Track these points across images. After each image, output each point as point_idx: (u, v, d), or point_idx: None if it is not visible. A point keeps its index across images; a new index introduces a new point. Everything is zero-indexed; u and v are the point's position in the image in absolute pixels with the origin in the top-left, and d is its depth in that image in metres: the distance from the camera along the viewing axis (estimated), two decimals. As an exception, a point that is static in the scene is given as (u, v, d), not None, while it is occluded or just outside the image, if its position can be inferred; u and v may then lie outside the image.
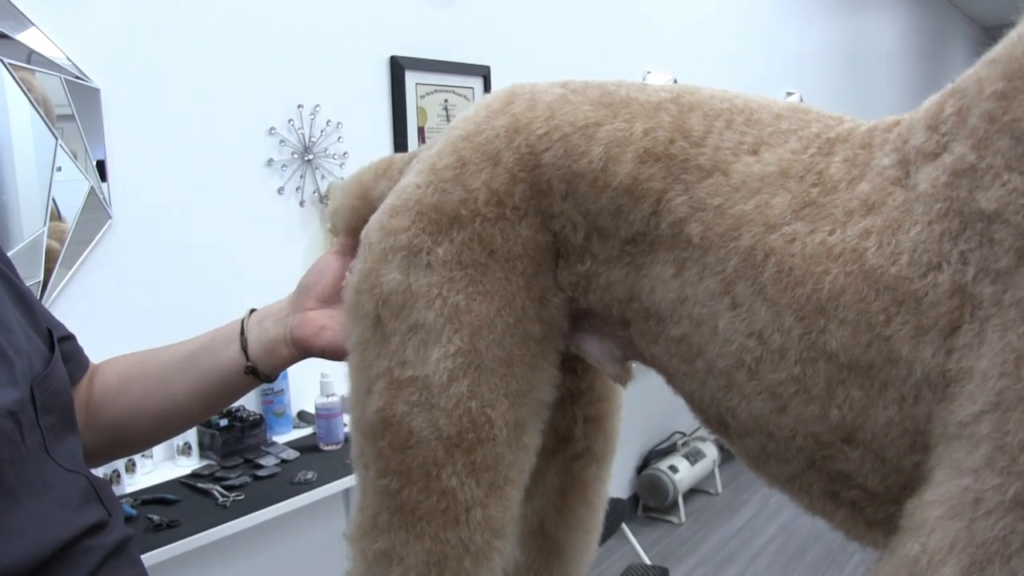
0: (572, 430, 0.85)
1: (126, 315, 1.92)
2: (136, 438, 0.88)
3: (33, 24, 1.73)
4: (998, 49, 0.56)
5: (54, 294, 1.78)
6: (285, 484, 1.91)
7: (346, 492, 2.06)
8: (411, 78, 2.55)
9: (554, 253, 0.71)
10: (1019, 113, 0.52)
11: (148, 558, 1.57)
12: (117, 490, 1.82)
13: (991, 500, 0.50)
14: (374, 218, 0.74)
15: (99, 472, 1.62)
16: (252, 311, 0.88)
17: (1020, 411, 0.49)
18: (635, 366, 0.80)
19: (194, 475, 1.96)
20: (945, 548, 0.51)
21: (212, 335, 0.87)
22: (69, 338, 0.84)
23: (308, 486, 1.90)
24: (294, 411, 2.29)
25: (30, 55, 1.72)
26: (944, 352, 0.54)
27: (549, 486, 0.87)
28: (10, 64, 1.67)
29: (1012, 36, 0.56)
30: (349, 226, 0.83)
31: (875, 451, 0.58)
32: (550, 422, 0.77)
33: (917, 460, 0.57)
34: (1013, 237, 0.51)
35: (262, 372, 0.85)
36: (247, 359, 0.84)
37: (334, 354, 0.82)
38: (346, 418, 2.16)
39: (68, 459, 0.72)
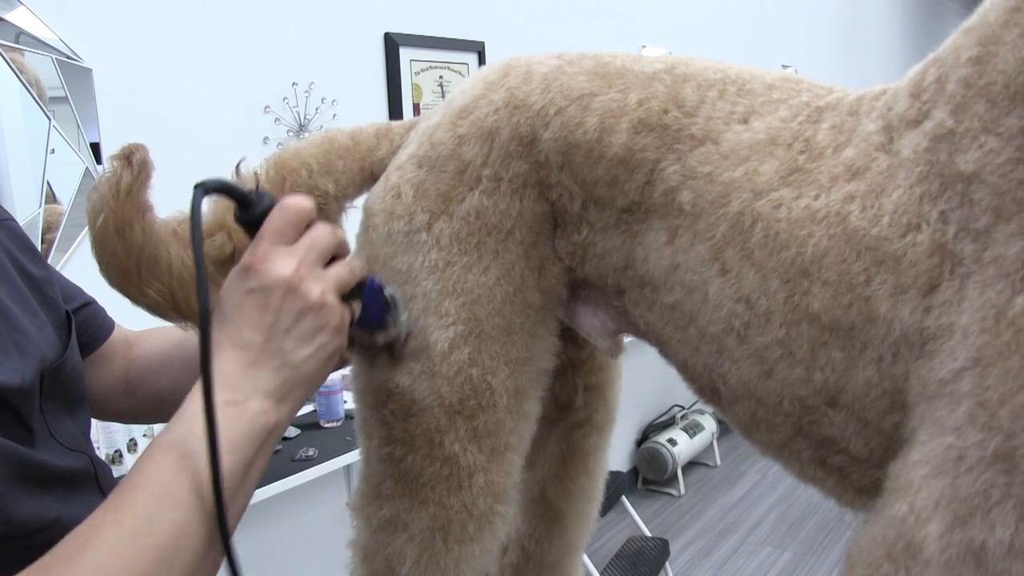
0: (573, 399, 0.87)
1: (123, 299, 1.92)
2: (132, 407, 0.89)
3: (22, 3, 1.71)
4: (973, 18, 0.58)
5: (52, 276, 1.78)
6: (287, 461, 1.93)
7: (347, 468, 2.08)
8: (406, 54, 2.54)
9: (552, 223, 0.72)
10: (993, 77, 0.54)
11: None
12: (120, 470, 1.83)
13: (973, 456, 0.51)
14: (375, 193, 0.75)
15: (102, 452, 1.60)
16: None
17: (999, 366, 0.51)
18: (631, 341, 0.81)
19: (196, 454, 1.96)
20: (930, 506, 0.52)
21: None
22: (89, 304, 0.85)
23: (309, 463, 1.92)
24: (294, 389, 2.30)
25: (19, 35, 1.71)
26: (922, 310, 0.55)
27: (550, 455, 0.89)
28: (-1, 44, 1.66)
29: (986, 4, 0.57)
30: (350, 191, 0.81)
31: (857, 413, 0.60)
32: (551, 391, 0.79)
33: (896, 420, 0.58)
34: (990, 196, 0.53)
35: None
36: None
37: None
38: (346, 395, 2.17)
39: (70, 439, 0.72)
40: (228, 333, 0.58)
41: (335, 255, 0.63)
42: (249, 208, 0.62)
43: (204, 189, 0.59)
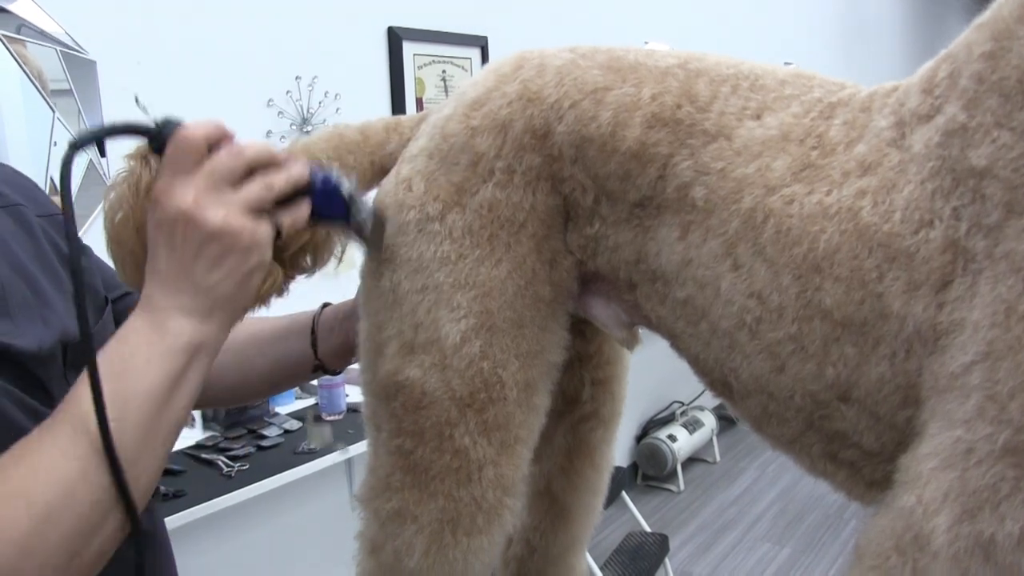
0: (580, 393, 0.87)
1: (127, 289, 1.92)
2: (208, 400, 0.93)
3: (27, -6, 1.71)
4: (987, 13, 0.58)
5: (55, 268, 1.78)
6: (288, 454, 1.94)
7: (348, 461, 2.08)
8: (409, 48, 2.53)
9: (564, 216, 0.72)
10: (1007, 72, 0.54)
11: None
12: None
13: (982, 449, 0.51)
14: (387, 185, 0.75)
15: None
16: (325, 305, 0.90)
17: (1010, 360, 0.51)
18: (641, 332, 0.81)
19: (198, 446, 1.98)
20: (939, 498, 0.52)
21: (289, 324, 0.90)
22: (131, 293, 0.86)
23: (311, 456, 1.92)
24: (296, 382, 2.30)
25: (20, 26, 1.70)
26: (935, 306, 0.55)
27: (557, 448, 0.89)
28: (2, 35, 1.66)
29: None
30: (360, 186, 0.82)
31: (869, 408, 0.60)
32: (559, 385, 0.79)
33: (909, 415, 0.59)
34: (1002, 191, 0.53)
35: (330, 369, 0.90)
36: (316, 357, 0.88)
37: None
38: (348, 388, 2.17)
39: None
40: (150, 263, 0.62)
41: (262, 167, 0.64)
42: (157, 139, 0.64)
43: (76, 145, 0.59)
